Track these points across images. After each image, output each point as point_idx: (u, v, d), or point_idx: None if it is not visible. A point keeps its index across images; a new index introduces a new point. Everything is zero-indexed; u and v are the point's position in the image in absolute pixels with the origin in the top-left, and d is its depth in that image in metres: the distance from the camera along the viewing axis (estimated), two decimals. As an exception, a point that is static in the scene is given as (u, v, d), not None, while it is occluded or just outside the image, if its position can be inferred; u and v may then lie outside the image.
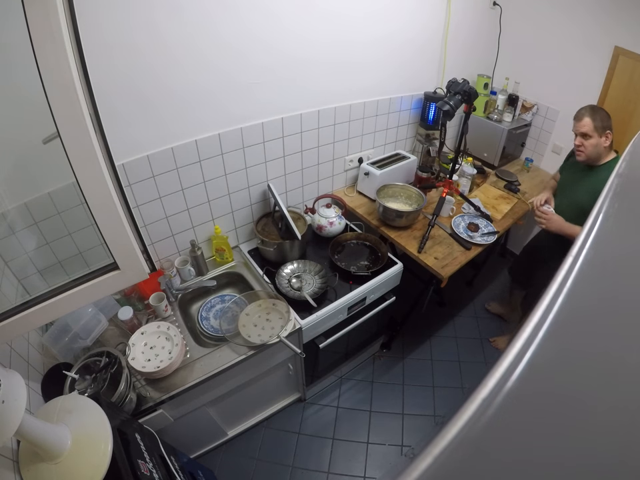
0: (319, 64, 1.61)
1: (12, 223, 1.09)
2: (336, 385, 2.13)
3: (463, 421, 0.24)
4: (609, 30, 1.88)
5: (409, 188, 1.99)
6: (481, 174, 2.29)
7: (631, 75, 1.88)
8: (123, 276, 0.90)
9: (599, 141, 1.53)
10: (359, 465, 1.80)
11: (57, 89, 0.66)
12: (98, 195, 0.78)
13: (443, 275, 1.63)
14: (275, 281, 1.62)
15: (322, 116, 1.75)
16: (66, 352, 1.27)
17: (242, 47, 1.38)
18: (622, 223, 0.45)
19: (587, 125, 1.53)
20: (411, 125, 2.24)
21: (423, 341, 2.36)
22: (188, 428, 1.50)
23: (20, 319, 0.84)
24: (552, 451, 0.25)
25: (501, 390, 0.26)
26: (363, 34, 1.67)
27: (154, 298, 1.46)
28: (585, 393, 0.29)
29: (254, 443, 1.87)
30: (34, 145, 0.91)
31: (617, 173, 0.52)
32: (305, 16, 1.46)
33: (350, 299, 1.61)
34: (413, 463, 0.23)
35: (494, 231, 1.85)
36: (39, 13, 0.60)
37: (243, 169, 1.65)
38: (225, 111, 1.46)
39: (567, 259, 0.37)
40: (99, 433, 0.89)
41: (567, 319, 0.32)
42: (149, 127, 1.32)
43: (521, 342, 0.29)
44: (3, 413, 0.68)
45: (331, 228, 1.85)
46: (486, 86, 2.34)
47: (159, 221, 1.54)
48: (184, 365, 1.34)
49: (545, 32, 2.14)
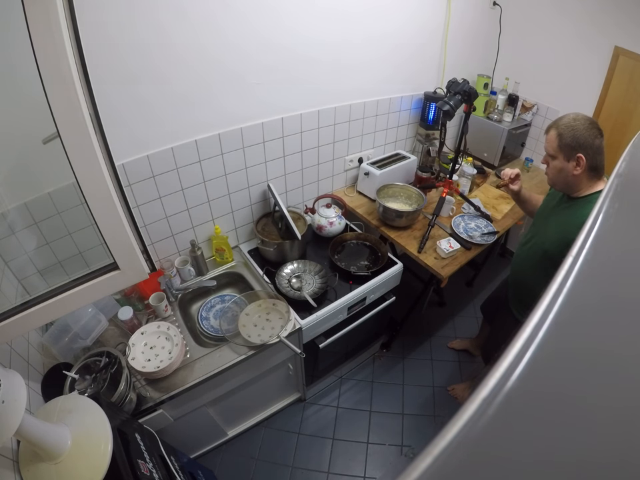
0: (320, 62, 1.61)
1: (12, 223, 1.09)
2: (336, 384, 2.13)
3: (463, 421, 0.24)
4: (609, 30, 1.88)
5: (409, 188, 1.99)
6: (481, 174, 2.29)
7: (631, 75, 1.88)
8: (123, 276, 0.91)
9: (564, 165, 1.16)
10: (359, 465, 1.80)
11: (56, 88, 0.66)
12: (98, 195, 0.78)
13: (442, 275, 1.63)
14: (275, 281, 1.62)
15: (322, 116, 1.75)
16: (66, 352, 1.27)
17: (247, 46, 1.38)
18: (622, 223, 0.45)
19: (551, 141, 1.17)
20: (411, 125, 2.24)
21: (422, 341, 2.36)
22: (188, 428, 1.50)
23: (20, 318, 0.84)
24: (552, 451, 0.25)
25: (501, 390, 0.26)
26: (362, 32, 1.67)
27: (154, 298, 1.46)
28: (585, 392, 0.29)
29: (254, 443, 1.87)
30: (34, 145, 0.91)
31: (616, 173, 0.52)
32: (307, 14, 1.46)
33: (350, 299, 1.61)
34: (412, 463, 0.23)
35: (494, 230, 1.85)
36: (39, 13, 0.60)
37: (243, 169, 1.65)
38: (225, 111, 1.46)
39: (567, 259, 0.37)
40: (99, 433, 0.89)
41: (567, 319, 0.32)
42: (149, 126, 1.32)
43: (520, 342, 0.29)
44: (3, 413, 0.68)
45: (331, 228, 1.85)
46: (486, 86, 2.34)
47: (159, 221, 1.54)
48: (184, 365, 1.34)
49: (545, 32, 2.14)
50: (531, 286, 1.38)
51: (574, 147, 1.12)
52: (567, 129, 1.13)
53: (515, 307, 1.54)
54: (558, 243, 1.21)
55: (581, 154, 1.12)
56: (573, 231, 1.34)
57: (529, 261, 1.38)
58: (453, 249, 1.69)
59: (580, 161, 1.13)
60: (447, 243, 1.70)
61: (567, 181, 1.20)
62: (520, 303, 1.50)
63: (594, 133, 1.11)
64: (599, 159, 1.13)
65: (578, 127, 1.12)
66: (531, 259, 1.36)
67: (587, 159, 1.12)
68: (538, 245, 1.33)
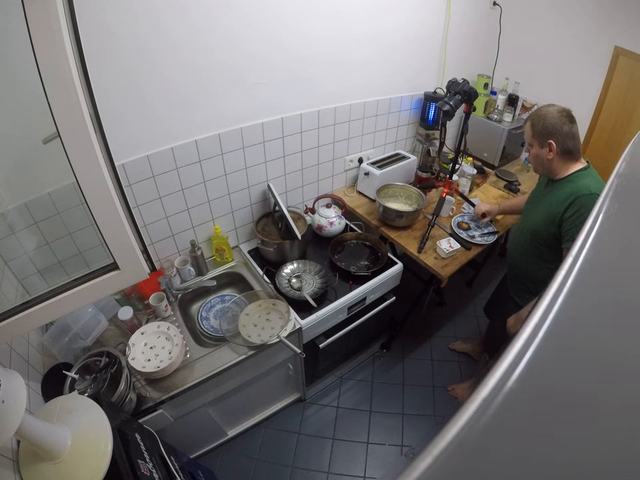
0: (320, 62, 1.61)
1: (12, 223, 1.09)
2: (336, 384, 2.13)
3: (463, 421, 0.24)
4: (608, 30, 1.88)
5: (409, 188, 1.99)
6: (481, 174, 2.29)
7: (631, 75, 1.88)
8: (123, 276, 0.90)
9: (539, 152, 1.29)
10: (359, 465, 1.80)
11: (56, 88, 0.66)
12: (98, 195, 0.78)
13: (443, 275, 1.63)
14: (275, 281, 1.62)
15: (322, 116, 1.75)
16: (66, 352, 1.27)
17: (247, 46, 1.38)
18: (622, 223, 0.45)
19: (527, 131, 1.32)
20: (411, 125, 2.24)
21: (422, 341, 2.36)
22: (188, 428, 1.50)
23: (20, 319, 0.84)
24: (552, 451, 0.25)
25: (501, 390, 0.26)
26: (363, 31, 1.67)
27: (154, 298, 1.46)
28: (585, 392, 0.29)
29: (254, 443, 1.87)
30: (34, 145, 0.91)
31: (616, 172, 0.52)
32: (308, 12, 1.46)
33: (350, 299, 1.61)
34: (412, 463, 0.23)
35: (494, 231, 1.85)
36: (39, 13, 0.60)
37: (243, 169, 1.65)
38: (225, 111, 1.46)
39: (567, 258, 0.37)
40: (99, 433, 0.89)
41: (567, 319, 0.32)
42: (149, 126, 1.32)
43: (521, 342, 0.29)
44: (3, 413, 0.68)
45: (331, 228, 1.85)
46: (486, 86, 2.34)
47: (159, 220, 1.54)
48: (184, 365, 1.34)
49: (545, 32, 2.14)
50: (526, 267, 1.48)
51: (544, 134, 1.25)
52: (538, 119, 1.26)
53: (514, 292, 1.61)
54: (544, 220, 1.31)
55: (551, 140, 1.24)
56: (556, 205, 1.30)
57: (522, 244, 1.47)
58: (453, 249, 1.69)
59: (551, 146, 1.25)
60: (447, 243, 1.70)
61: (544, 166, 1.32)
62: (519, 287, 1.57)
63: (563, 121, 1.22)
64: (570, 143, 1.24)
65: (547, 116, 1.24)
66: (524, 242, 1.45)
67: (557, 144, 1.24)
68: (528, 227, 1.43)
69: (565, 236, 1.24)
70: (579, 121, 1.29)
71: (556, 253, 1.32)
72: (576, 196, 1.21)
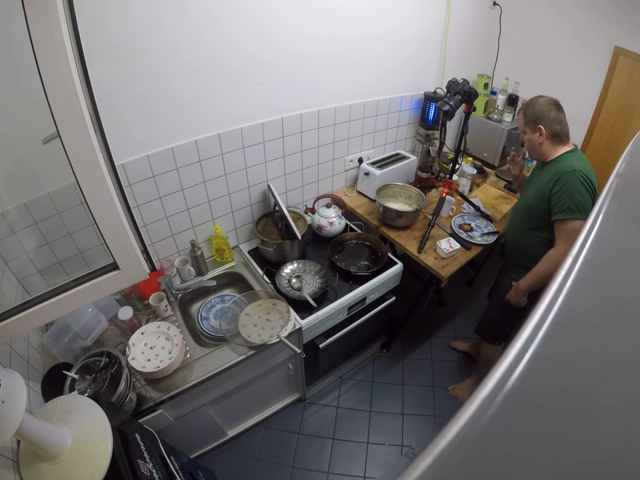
0: (320, 62, 1.61)
1: (12, 223, 1.09)
2: (336, 384, 2.13)
3: (463, 421, 0.24)
4: (608, 30, 1.88)
5: (409, 188, 1.99)
6: (481, 174, 2.29)
7: (631, 75, 1.88)
8: (123, 276, 0.90)
9: (531, 137, 1.43)
10: (359, 465, 1.80)
11: (57, 89, 0.66)
12: (98, 195, 0.78)
13: (442, 275, 1.63)
14: (275, 281, 1.62)
15: (322, 116, 1.75)
16: (66, 352, 1.27)
17: (247, 45, 1.38)
18: (622, 223, 0.45)
19: (520, 120, 1.46)
20: (411, 125, 2.24)
21: (423, 341, 2.36)
22: (188, 428, 1.50)
23: (20, 318, 0.84)
24: (552, 450, 0.25)
25: (501, 390, 0.26)
26: (363, 31, 1.67)
27: (154, 298, 1.46)
28: (585, 392, 0.29)
29: (254, 443, 1.87)
30: (34, 145, 0.91)
31: (616, 172, 0.52)
32: (307, 12, 1.46)
33: (350, 299, 1.61)
34: (412, 463, 0.23)
35: (494, 231, 1.85)
36: (39, 13, 0.60)
37: (243, 169, 1.65)
38: (225, 111, 1.46)
39: (567, 258, 0.37)
40: (99, 433, 0.89)
41: (567, 319, 0.32)
42: (149, 126, 1.32)
43: (521, 342, 0.29)
44: (3, 413, 0.68)
45: (331, 228, 1.85)
46: (486, 86, 2.34)
47: (159, 221, 1.54)
48: (184, 365, 1.34)
49: (545, 32, 2.14)
50: (520, 241, 1.58)
51: (534, 120, 1.39)
52: (528, 108, 1.41)
53: (510, 269, 1.68)
54: (535, 197, 1.44)
55: (541, 125, 1.38)
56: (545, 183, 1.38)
57: (516, 221, 1.60)
58: (453, 249, 1.69)
59: (541, 131, 1.39)
60: (447, 243, 1.70)
61: (536, 149, 1.45)
62: (514, 263, 1.65)
63: (549, 108, 1.37)
64: (557, 127, 1.38)
65: (536, 105, 1.39)
66: (518, 220, 1.58)
67: (545, 129, 1.38)
68: (522, 204, 1.57)
69: (554, 209, 1.36)
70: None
71: (547, 227, 1.43)
72: (561, 173, 1.33)
